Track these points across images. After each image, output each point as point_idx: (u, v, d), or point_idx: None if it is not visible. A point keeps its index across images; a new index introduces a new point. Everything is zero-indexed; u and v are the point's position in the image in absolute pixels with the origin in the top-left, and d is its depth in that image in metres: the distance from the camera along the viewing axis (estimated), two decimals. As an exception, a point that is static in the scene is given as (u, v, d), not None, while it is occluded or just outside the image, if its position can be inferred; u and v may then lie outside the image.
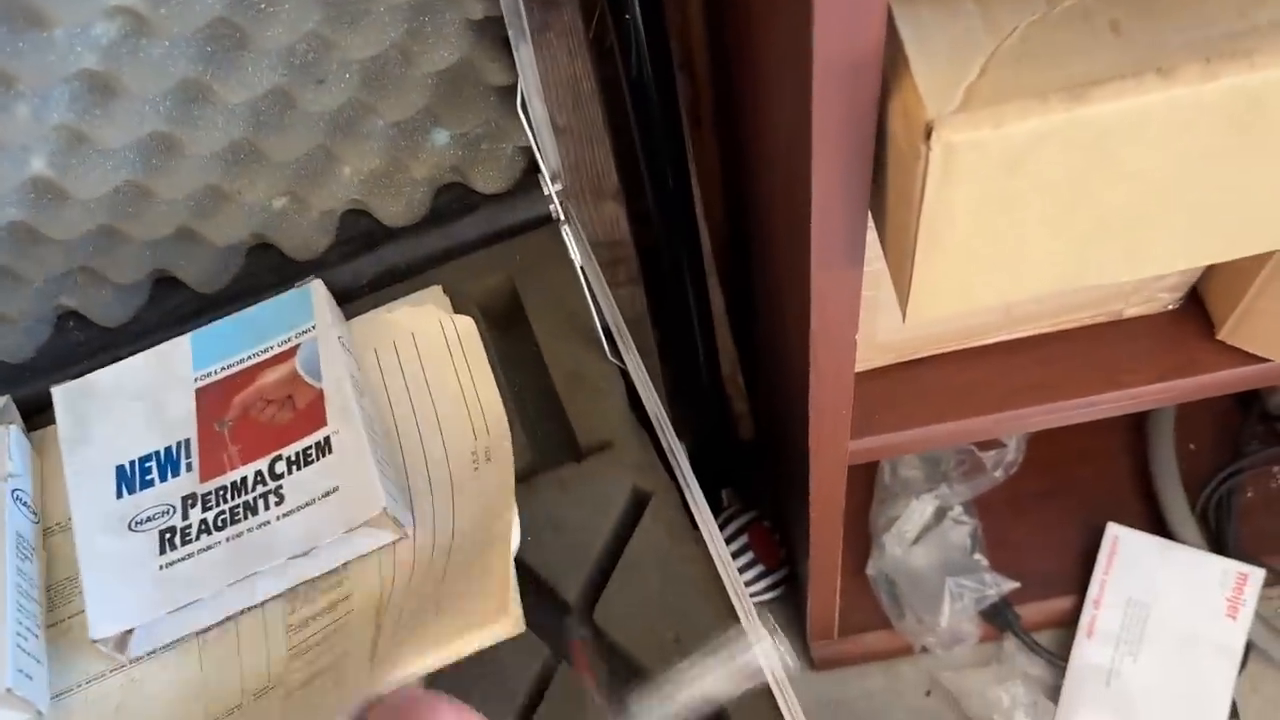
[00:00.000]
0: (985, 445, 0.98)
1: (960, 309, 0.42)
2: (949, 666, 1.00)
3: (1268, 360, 0.63)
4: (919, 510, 0.99)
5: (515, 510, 0.51)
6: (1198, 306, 0.66)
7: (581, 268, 0.57)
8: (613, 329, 0.58)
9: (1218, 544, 0.99)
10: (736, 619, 0.52)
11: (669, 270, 0.75)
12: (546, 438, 0.59)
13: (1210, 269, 0.63)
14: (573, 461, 0.57)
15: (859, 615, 1.00)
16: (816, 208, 0.41)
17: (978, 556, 0.99)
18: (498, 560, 0.49)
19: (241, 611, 0.54)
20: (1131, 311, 0.65)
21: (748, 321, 0.88)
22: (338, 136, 0.52)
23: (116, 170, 0.49)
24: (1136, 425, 1.04)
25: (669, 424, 0.57)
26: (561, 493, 0.56)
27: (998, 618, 0.99)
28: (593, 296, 0.58)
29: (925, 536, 1.00)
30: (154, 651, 0.54)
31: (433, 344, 0.60)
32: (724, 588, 0.53)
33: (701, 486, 0.54)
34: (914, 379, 0.65)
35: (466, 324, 0.60)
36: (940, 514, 1.00)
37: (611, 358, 0.58)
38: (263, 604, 0.54)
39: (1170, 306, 0.66)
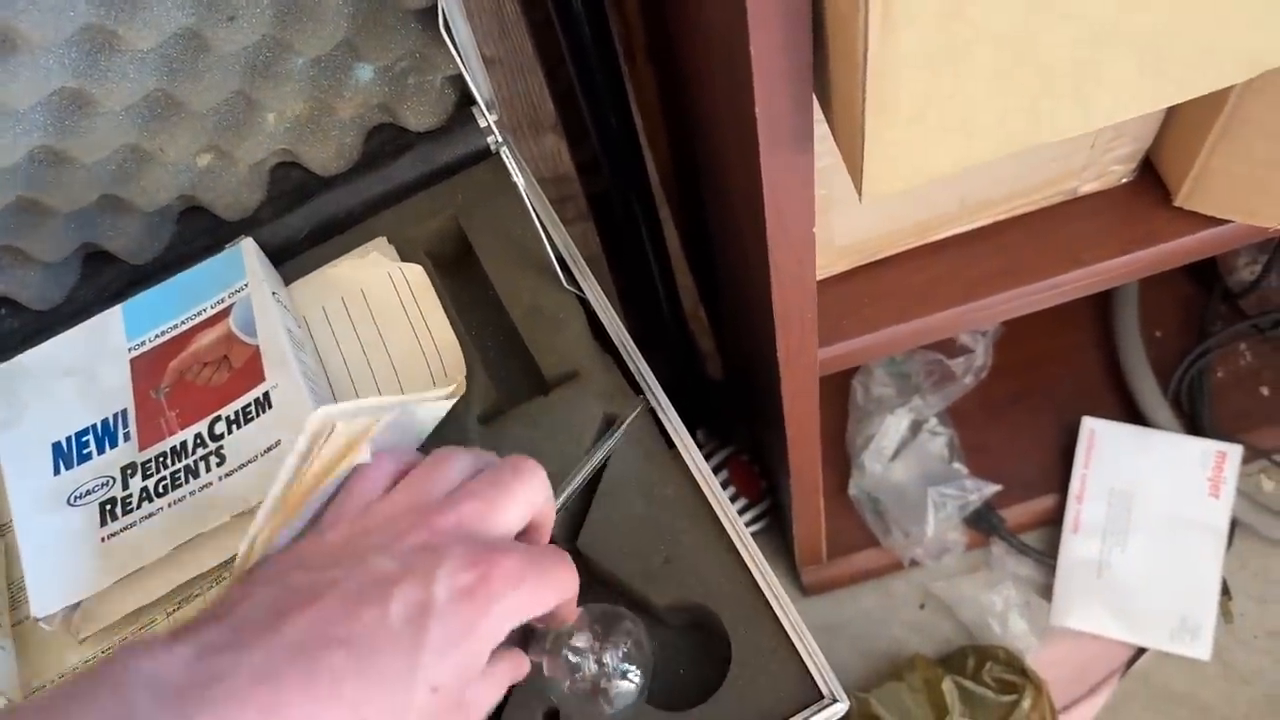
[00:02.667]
0: (953, 352, 0.98)
1: (916, 181, 0.41)
2: (940, 577, 1.00)
3: (1227, 222, 0.62)
4: (894, 425, 0.98)
5: None
6: (1152, 177, 0.65)
7: (527, 194, 0.55)
8: (566, 256, 0.56)
9: (1193, 426, 0.99)
10: (724, 533, 0.51)
11: (619, 204, 0.73)
12: (510, 376, 0.58)
13: (1161, 134, 0.62)
14: (539, 395, 0.56)
15: (845, 536, 1.00)
16: (759, 86, 0.39)
17: (957, 465, 0.98)
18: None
19: (209, 586, 0.52)
20: (1086, 188, 0.65)
21: (705, 253, 0.87)
22: (256, 80, 0.50)
23: (27, 134, 0.46)
24: (1101, 317, 1.04)
25: (634, 346, 0.55)
26: (532, 428, 0.54)
27: (982, 523, 0.99)
28: (542, 225, 0.56)
29: (903, 451, 0.99)
30: (125, 638, 0.51)
31: (383, 296, 0.58)
32: (708, 504, 0.52)
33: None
34: (876, 281, 0.64)
35: (416, 272, 0.58)
36: (916, 427, 1.00)
37: (568, 286, 0.57)
38: (222, 578, 0.52)
39: (1124, 180, 0.65)
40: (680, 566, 0.51)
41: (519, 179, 0.51)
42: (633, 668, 0.45)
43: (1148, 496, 0.96)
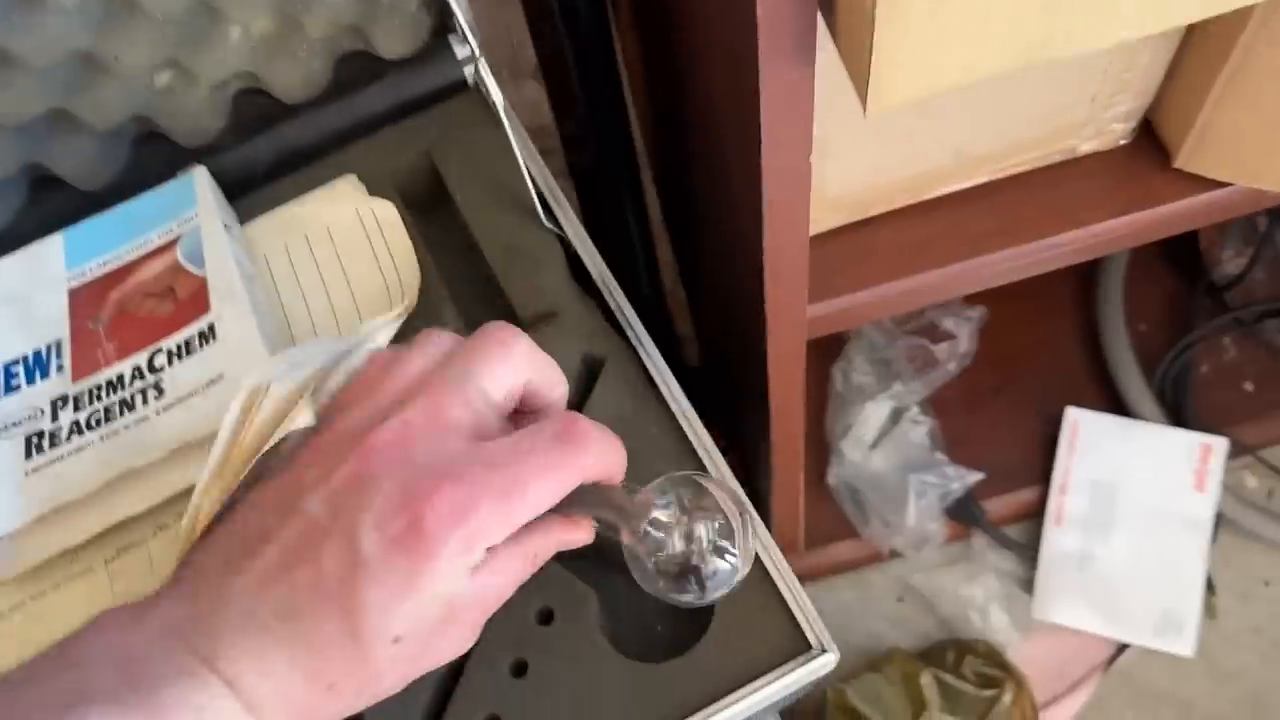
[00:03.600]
0: (937, 337, 0.96)
1: (924, 89, 0.38)
2: (918, 570, 0.98)
3: (1227, 185, 0.61)
4: (875, 413, 0.96)
5: None
6: (1152, 140, 0.63)
7: (507, 121, 0.52)
8: (546, 192, 0.54)
9: (1177, 421, 0.98)
10: (704, 471, 0.48)
11: (601, 163, 0.70)
12: (484, 316, 0.54)
13: (1163, 92, 0.60)
14: (515, 337, 0.53)
15: (823, 527, 0.97)
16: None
17: (938, 454, 0.96)
18: None
19: (152, 534, 0.48)
20: (1085, 147, 0.63)
21: (685, 228, 0.84)
22: None
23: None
24: (1085, 309, 1.02)
25: (616, 284, 0.52)
26: (506, 371, 0.51)
27: (963, 514, 0.96)
28: (522, 158, 0.53)
29: (883, 440, 0.97)
30: (55, 584, 0.48)
31: (350, 235, 0.54)
32: (689, 444, 0.49)
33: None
34: (869, 238, 0.62)
35: (386, 209, 0.55)
36: (896, 416, 0.98)
37: (548, 224, 0.54)
38: (173, 523, 0.48)
39: (1123, 141, 0.63)
40: (661, 507, 0.47)
41: (499, 100, 0.48)
42: (729, 545, 0.39)
43: (1132, 488, 0.94)
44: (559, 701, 0.44)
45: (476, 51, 0.47)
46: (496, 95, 0.48)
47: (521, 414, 0.40)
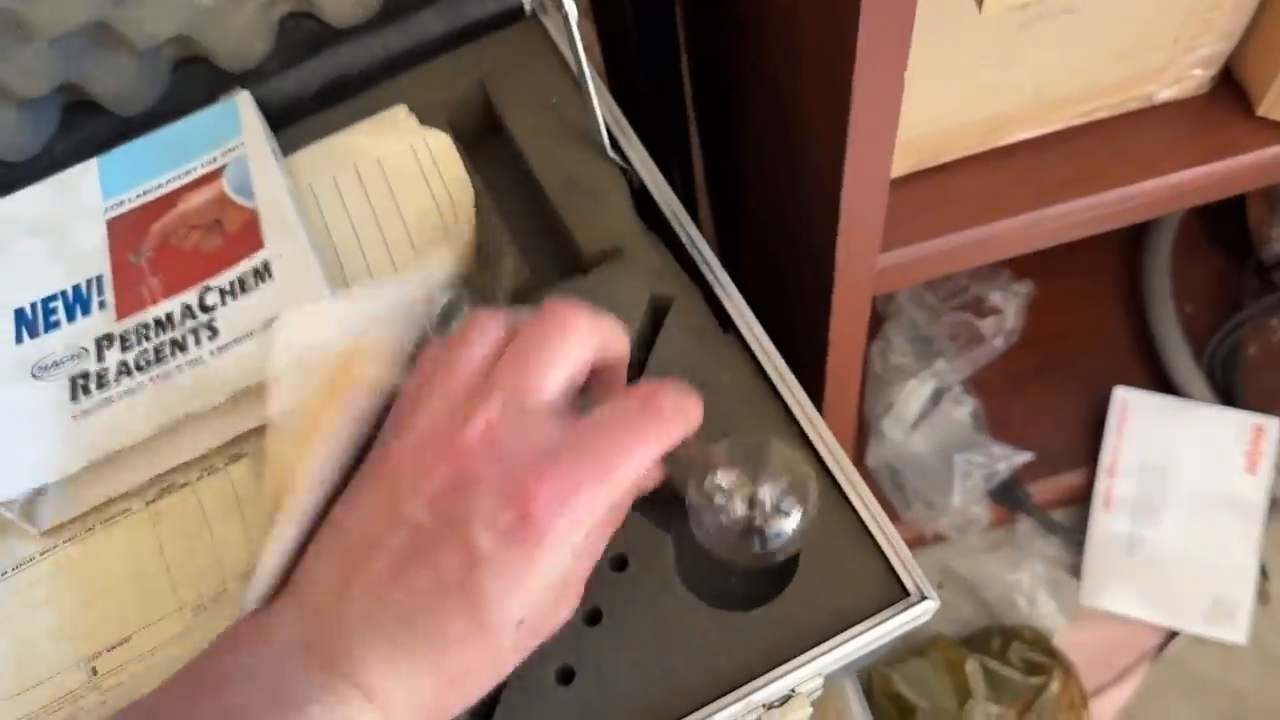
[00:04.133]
0: (982, 312, 0.93)
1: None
2: (961, 554, 0.95)
3: (1315, 132, 0.58)
4: (917, 392, 0.93)
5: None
6: (1233, 89, 0.60)
7: (568, 45, 0.49)
8: (610, 122, 0.51)
9: (1227, 401, 0.95)
10: (788, 416, 0.45)
11: (648, 111, 0.68)
12: (543, 255, 0.51)
13: (1246, 38, 0.58)
14: (577, 274, 0.50)
15: (863, 510, 0.94)
16: None
17: (982, 435, 0.93)
18: None
19: (198, 476, 0.45)
20: (1164, 94, 0.60)
21: (729, 186, 0.81)
22: None
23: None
24: (1131, 287, 1.00)
25: (688, 218, 0.49)
26: (568, 309, 0.48)
27: (1008, 497, 0.93)
28: (590, 85, 0.50)
29: (925, 420, 0.94)
30: (90, 527, 0.45)
31: (403, 168, 0.51)
32: (772, 391, 0.45)
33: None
34: (942, 185, 0.59)
35: (441, 141, 0.52)
36: (938, 396, 0.95)
37: (612, 155, 0.51)
38: (223, 465, 0.45)
39: (1203, 89, 0.60)
40: (741, 455, 0.44)
41: (573, 15, 0.45)
42: (793, 507, 0.38)
43: (1182, 471, 0.91)
44: (635, 651, 0.41)
45: None
46: (571, 9, 0.45)
47: (591, 376, 0.40)
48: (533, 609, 0.35)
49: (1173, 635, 0.91)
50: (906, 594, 0.41)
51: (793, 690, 0.40)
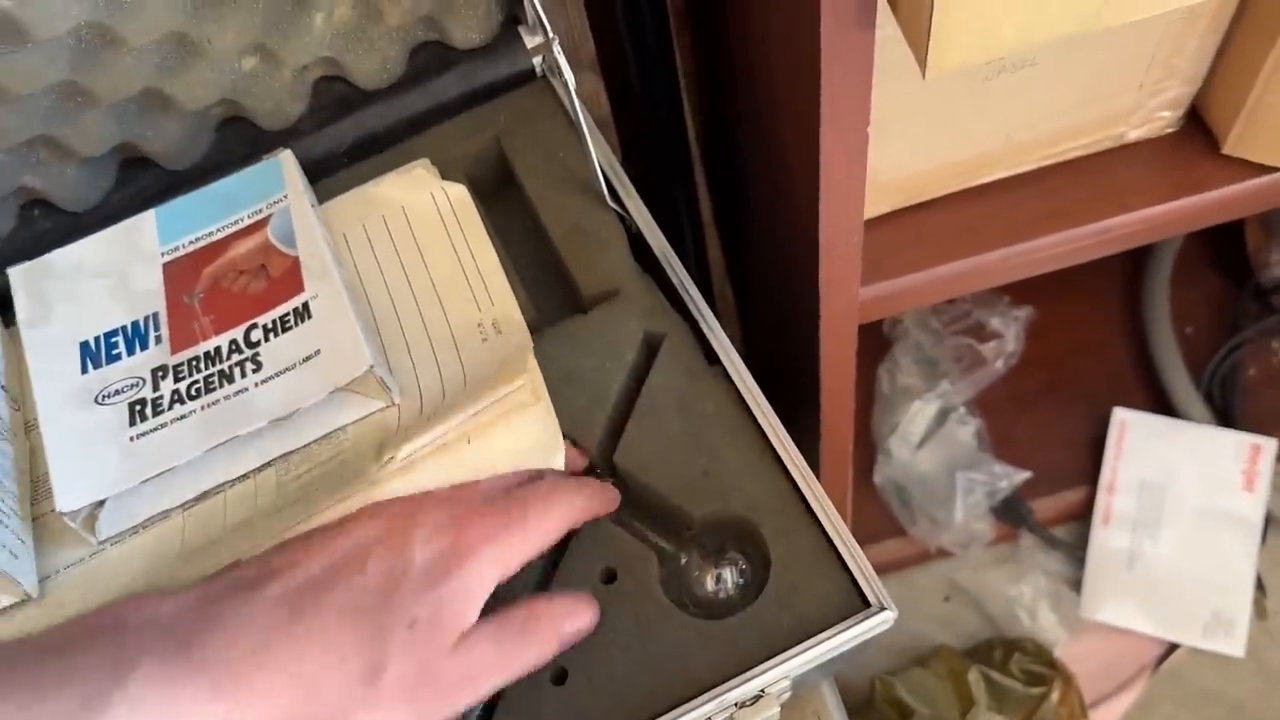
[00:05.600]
0: (984, 337, 0.97)
1: (980, 54, 0.40)
2: (965, 568, 0.98)
3: (1276, 169, 0.62)
4: (923, 412, 0.97)
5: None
6: (1200, 128, 0.64)
7: (574, 107, 0.54)
8: (610, 175, 0.56)
9: (1225, 421, 0.98)
10: (768, 447, 0.49)
11: (655, 156, 0.73)
12: (548, 295, 0.56)
13: (1210, 79, 0.62)
14: (578, 314, 0.55)
15: (869, 525, 0.98)
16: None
17: (985, 454, 0.97)
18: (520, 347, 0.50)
19: (228, 484, 0.51)
20: (1133, 135, 0.64)
21: (736, 222, 0.86)
22: None
23: (82, 5, 0.46)
24: (1132, 310, 1.03)
25: (678, 261, 0.54)
26: (570, 345, 0.53)
27: (1011, 514, 0.97)
28: (589, 141, 0.55)
29: (930, 439, 0.98)
30: (135, 530, 0.50)
31: (425, 216, 0.57)
32: (751, 420, 0.50)
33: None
34: (920, 223, 0.63)
35: (459, 192, 0.57)
36: (943, 416, 0.98)
37: (612, 204, 0.56)
38: (252, 474, 0.51)
39: (1171, 129, 0.64)
40: (720, 479, 0.49)
41: (571, 83, 0.51)
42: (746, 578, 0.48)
43: (1180, 488, 0.94)
44: (622, 654, 0.46)
45: (551, 36, 0.49)
46: (570, 78, 0.50)
47: None
48: (427, 616, 0.40)
49: (1172, 648, 0.94)
50: (868, 605, 0.46)
51: (762, 691, 0.45)
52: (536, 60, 0.59)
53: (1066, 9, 0.40)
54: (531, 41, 0.58)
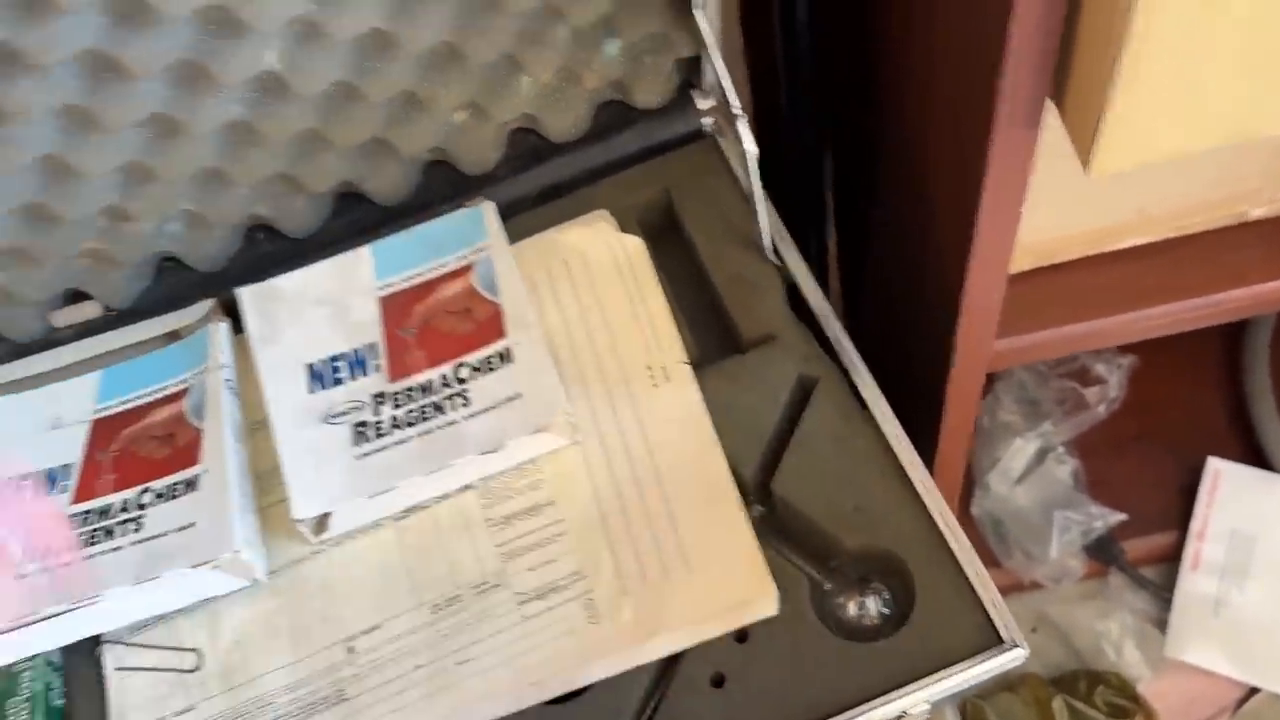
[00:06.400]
0: (1088, 381, 1.01)
1: (1145, 158, 0.45)
2: (1055, 601, 1.02)
3: (1395, 253, 0.65)
4: (1023, 450, 1.01)
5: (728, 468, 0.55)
6: (1323, 208, 0.68)
7: (742, 170, 0.60)
8: (771, 230, 0.61)
9: (1319, 478, 1.00)
10: (912, 490, 0.55)
11: (797, 200, 0.78)
12: (708, 335, 0.62)
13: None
14: (736, 354, 0.60)
15: (964, 555, 1.02)
16: (1010, 65, 0.44)
17: (1080, 494, 1.01)
18: (739, 529, 0.54)
19: (434, 500, 0.57)
20: (1256, 213, 0.68)
21: (859, 259, 0.91)
22: (526, 43, 0.56)
23: (335, 69, 0.53)
24: (1232, 363, 1.06)
25: (833, 314, 0.59)
26: (728, 381, 0.59)
27: (1103, 552, 1.00)
28: (757, 200, 0.61)
29: (1028, 476, 1.02)
30: (350, 535, 0.57)
31: (602, 263, 0.62)
32: (898, 463, 0.55)
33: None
34: (1051, 283, 0.68)
35: (635, 244, 0.63)
36: (1041, 455, 1.02)
37: (772, 258, 0.61)
38: (455, 492, 0.57)
39: (1294, 209, 0.68)
40: (870, 515, 0.54)
41: (751, 151, 0.56)
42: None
43: (1271, 540, 0.97)
44: (774, 666, 0.52)
45: (739, 114, 0.54)
46: (751, 149, 0.56)
47: None
48: None
49: (1252, 691, 0.97)
50: (1001, 641, 0.51)
51: (903, 713, 0.50)
52: (706, 121, 0.65)
53: (1227, 122, 0.45)
54: (703, 104, 0.64)
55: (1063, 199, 0.63)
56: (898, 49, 0.65)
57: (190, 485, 0.54)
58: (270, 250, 0.62)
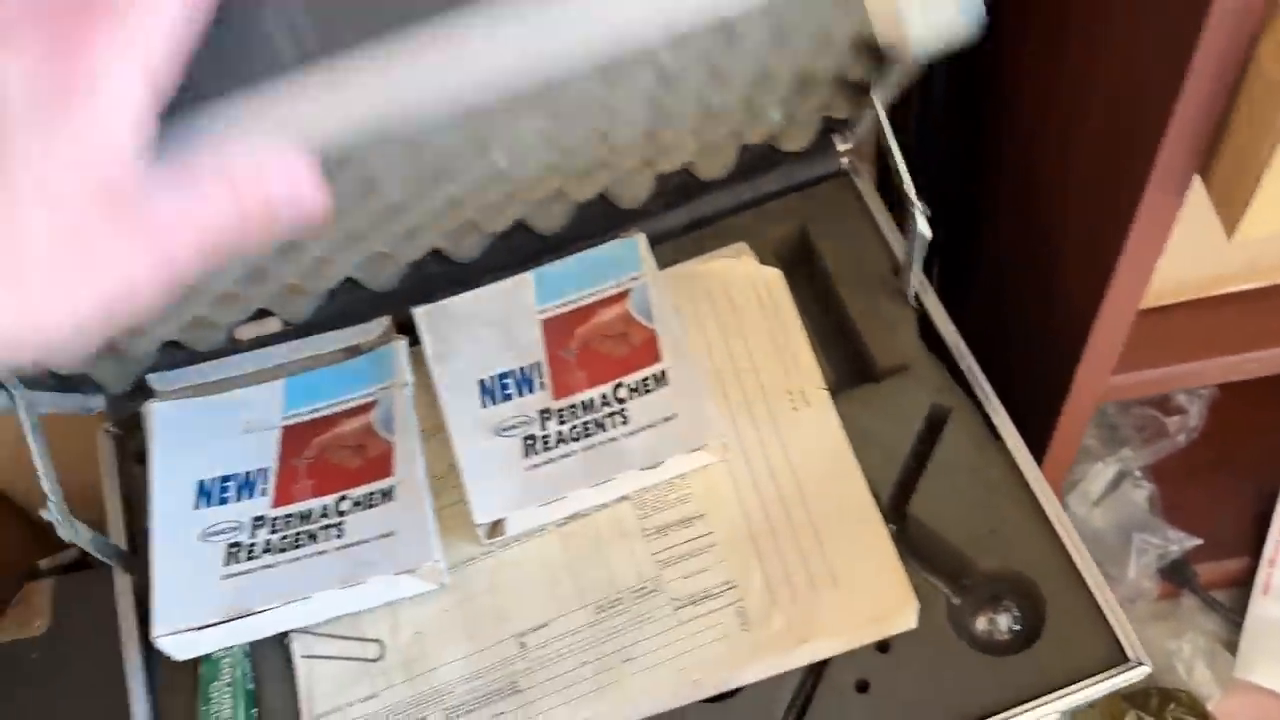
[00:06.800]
0: (1169, 410, 1.04)
1: (1282, 229, 0.49)
2: (1129, 621, 1.06)
3: None
4: (1102, 473, 1.05)
5: (868, 489, 0.60)
6: None
7: (876, 211, 0.65)
8: (904, 267, 0.66)
9: (1391, 511, 1.04)
10: (1044, 517, 0.59)
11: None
12: (841, 363, 0.66)
13: None
14: (870, 382, 0.65)
15: (1041, 572, 1.07)
16: (1170, 139, 0.48)
17: (1157, 518, 1.04)
18: (882, 546, 0.58)
19: (593, 509, 0.62)
20: (1354, 265, 0.72)
21: (961, 287, 0.95)
22: (703, 121, 0.59)
23: (543, 157, 0.57)
24: (1307, 397, 1.09)
25: (967, 349, 0.64)
26: (863, 408, 0.63)
27: (1176, 575, 1.04)
28: (890, 239, 0.65)
29: (1106, 499, 1.06)
30: (518, 538, 0.61)
31: (743, 293, 0.67)
32: (1030, 491, 0.60)
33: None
34: (1162, 323, 0.72)
35: (775, 275, 0.67)
36: (1119, 479, 1.06)
37: (905, 293, 0.66)
38: (612, 503, 0.62)
39: (1393, 260, 0.72)
40: (1004, 538, 0.59)
41: (923, 230, 0.59)
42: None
43: (1343, 569, 1.01)
44: (914, 675, 0.56)
45: (915, 204, 0.57)
46: (924, 230, 0.58)
47: None
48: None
49: (1321, 715, 1.01)
50: (1127, 659, 0.55)
51: (1036, 722, 0.55)
52: (844, 162, 0.69)
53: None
54: (842, 146, 0.69)
55: (1184, 251, 0.67)
56: (1032, 129, 0.69)
57: (386, 495, 0.59)
58: (437, 272, 0.67)
